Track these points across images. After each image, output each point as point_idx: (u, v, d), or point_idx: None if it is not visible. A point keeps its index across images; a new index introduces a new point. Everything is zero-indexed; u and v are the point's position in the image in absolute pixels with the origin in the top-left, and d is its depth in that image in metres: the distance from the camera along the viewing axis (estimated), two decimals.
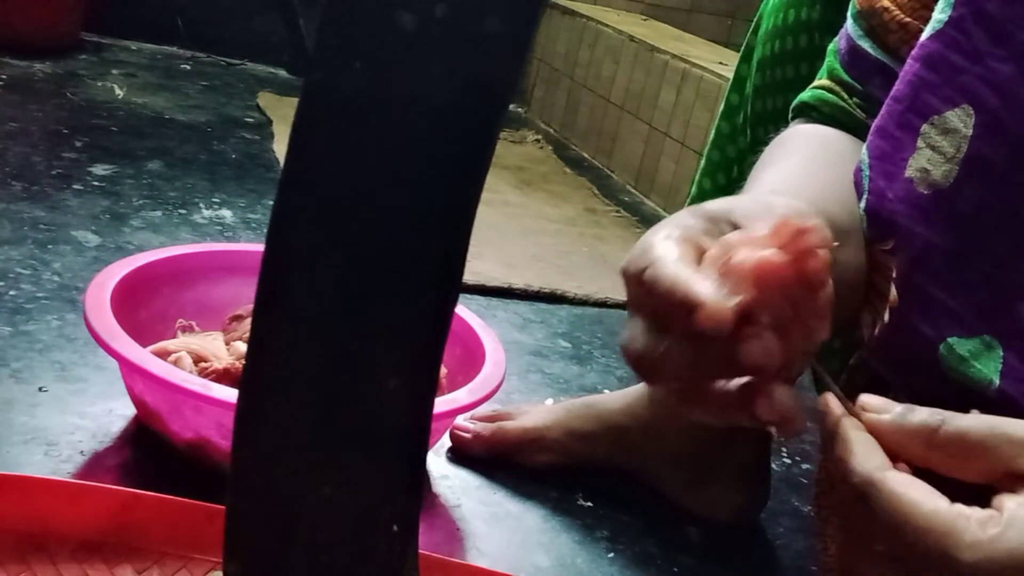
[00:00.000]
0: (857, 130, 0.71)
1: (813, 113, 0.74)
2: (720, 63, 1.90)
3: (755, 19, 0.94)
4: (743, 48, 0.97)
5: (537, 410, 0.96)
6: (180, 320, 0.93)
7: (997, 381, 0.57)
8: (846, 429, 0.45)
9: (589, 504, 0.91)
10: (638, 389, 0.94)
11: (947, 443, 0.44)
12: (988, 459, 0.44)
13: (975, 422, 0.44)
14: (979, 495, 0.44)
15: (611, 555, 0.85)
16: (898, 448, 0.45)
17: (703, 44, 2.18)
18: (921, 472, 0.45)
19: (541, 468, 0.93)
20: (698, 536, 0.90)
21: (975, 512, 0.42)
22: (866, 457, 0.44)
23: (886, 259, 0.62)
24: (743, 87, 0.97)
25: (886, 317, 0.62)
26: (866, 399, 0.46)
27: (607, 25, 2.19)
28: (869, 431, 0.45)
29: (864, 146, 0.64)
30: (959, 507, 0.42)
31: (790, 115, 0.77)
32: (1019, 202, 0.56)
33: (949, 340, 0.58)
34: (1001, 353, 0.57)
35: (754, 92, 0.94)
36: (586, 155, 2.17)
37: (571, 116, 2.25)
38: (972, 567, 0.41)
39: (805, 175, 0.66)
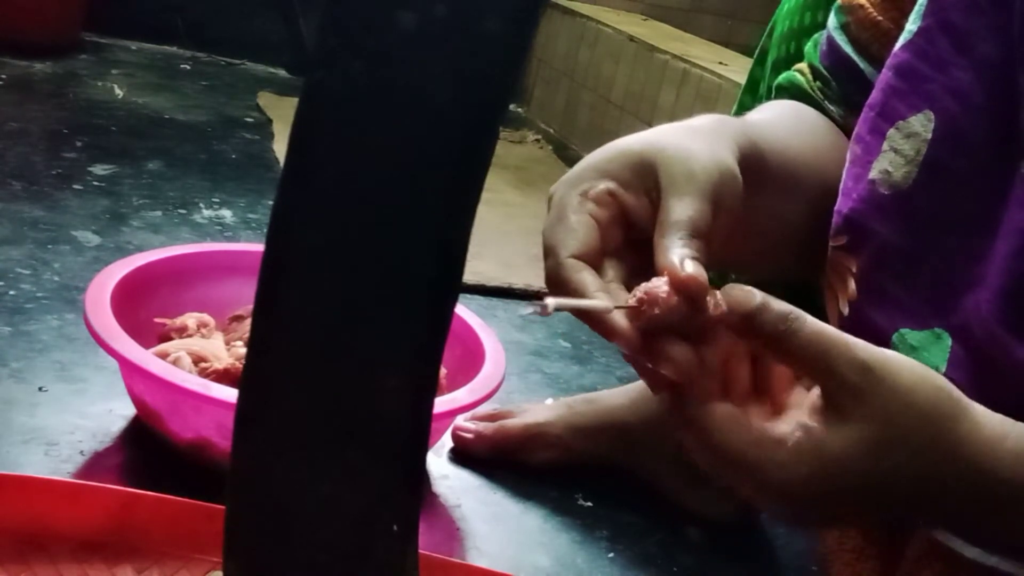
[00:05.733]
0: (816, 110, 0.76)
1: (784, 94, 0.79)
2: (720, 63, 1.90)
3: (770, 23, 0.95)
4: (757, 51, 0.99)
5: (538, 408, 0.96)
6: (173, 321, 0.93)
7: (943, 368, 0.60)
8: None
9: (589, 504, 0.91)
10: (640, 385, 0.94)
11: (783, 351, 0.49)
12: (809, 376, 0.49)
13: (811, 341, 0.48)
14: None
15: (611, 555, 0.85)
16: (743, 336, 0.49)
17: (703, 44, 2.18)
18: None
19: (543, 465, 0.93)
20: (698, 536, 0.90)
21: (777, 431, 0.49)
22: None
23: (844, 257, 0.65)
24: (756, 89, 0.98)
25: (845, 310, 0.65)
26: (729, 289, 0.49)
27: (607, 25, 2.19)
28: (722, 322, 0.49)
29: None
30: (764, 434, 0.49)
31: (772, 96, 0.82)
32: (973, 202, 0.60)
33: (901, 331, 0.62)
34: (949, 343, 0.60)
35: (768, 93, 0.95)
36: (586, 155, 2.17)
37: (571, 116, 2.25)
38: (778, 486, 0.49)
39: (771, 122, 0.71)
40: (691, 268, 0.49)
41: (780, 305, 0.48)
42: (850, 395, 0.48)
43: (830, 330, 0.49)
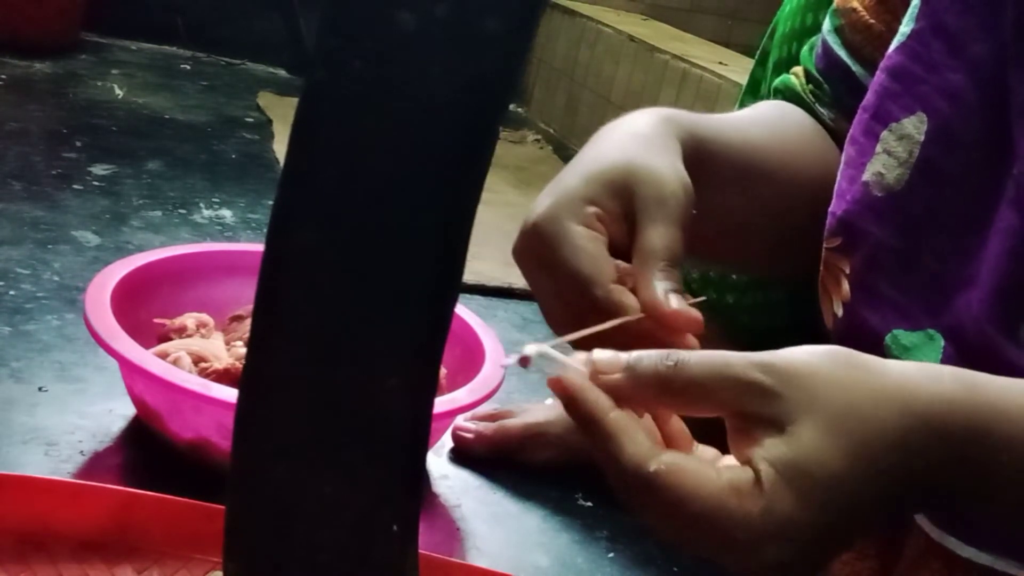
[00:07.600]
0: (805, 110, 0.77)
1: (779, 97, 0.80)
2: (720, 63, 1.90)
3: (771, 24, 0.96)
4: (758, 52, 0.99)
5: (538, 408, 0.96)
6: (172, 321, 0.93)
7: None
8: (602, 419, 0.44)
9: (589, 504, 0.91)
10: None
11: (679, 391, 0.45)
12: (718, 402, 0.45)
13: (702, 366, 0.44)
14: None
15: (611, 555, 0.85)
16: (636, 401, 0.45)
17: (703, 44, 2.18)
18: None
19: (544, 465, 0.93)
20: None
21: (740, 480, 0.43)
22: (632, 450, 0.44)
23: (837, 259, 0.66)
24: (758, 90, 0.98)
25: (839, 311, 0.65)
26: (597, 358, 0.46)
27: (607, 25, 2.19)
28: (607, 391, 0.45)
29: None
30: (727, 479, 0.43)
31: (772, 98, 0.83)
32: (965, 203, 0.60)
33: (895, 332, 0.62)
34: (942, 344, 0.60)
35: (769, 94, 0.95)
36: None
37: (571, 116, 2.25)
38: (750, 544, 0.43)
39: (735, 118, 0.73)
40: (675, 303, 0.51)
41: (651, 351, 0.45)
42: (772, 399, 0.44)
43: (712, 351, 0.45)
